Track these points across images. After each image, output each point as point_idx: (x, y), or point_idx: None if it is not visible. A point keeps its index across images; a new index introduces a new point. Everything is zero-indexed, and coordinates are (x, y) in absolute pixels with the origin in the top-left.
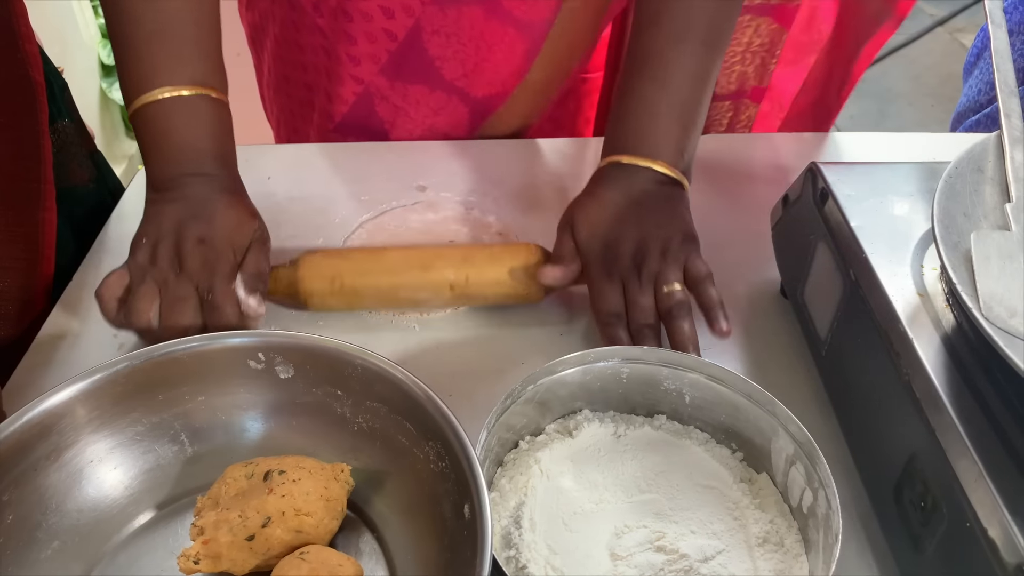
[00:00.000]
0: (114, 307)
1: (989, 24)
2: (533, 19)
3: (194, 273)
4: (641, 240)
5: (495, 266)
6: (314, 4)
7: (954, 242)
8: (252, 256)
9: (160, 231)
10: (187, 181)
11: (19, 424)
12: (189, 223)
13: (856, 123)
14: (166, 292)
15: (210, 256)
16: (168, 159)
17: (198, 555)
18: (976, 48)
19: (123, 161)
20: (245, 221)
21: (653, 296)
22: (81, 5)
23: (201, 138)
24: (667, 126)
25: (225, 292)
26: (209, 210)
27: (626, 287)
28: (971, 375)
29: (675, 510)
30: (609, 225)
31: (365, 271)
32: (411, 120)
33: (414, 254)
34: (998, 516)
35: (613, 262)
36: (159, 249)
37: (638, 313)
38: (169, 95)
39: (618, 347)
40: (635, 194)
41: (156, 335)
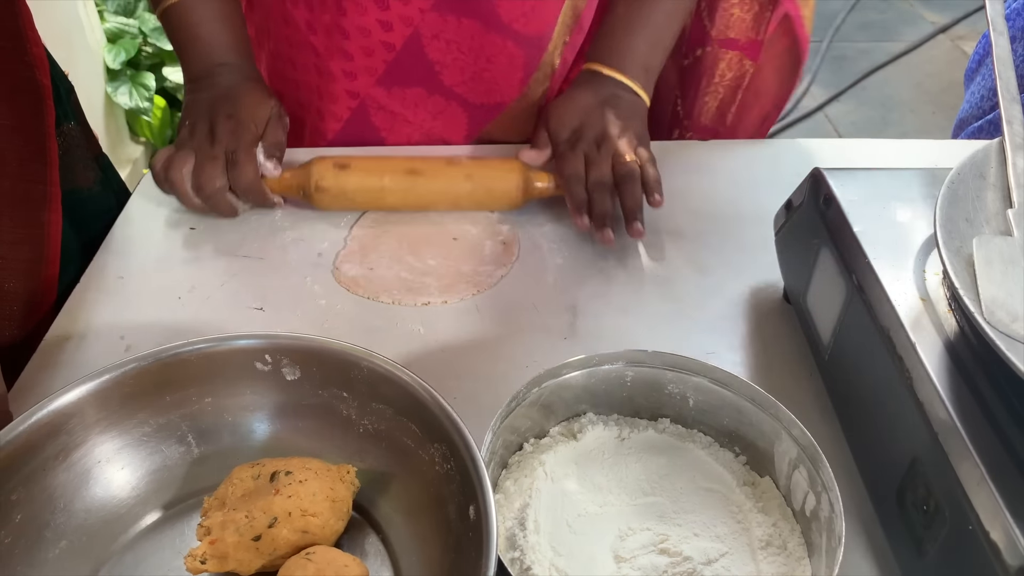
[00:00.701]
0: (160, 172)
1: (991, 31)
2: (532, 33)
3: (223, 141)
4: (602, 128)
5: (484, 197)
6: (308, 22)
7: (956, 247)
8: (271, 128)
9: (198, 114)
10: (215, 71)
11: (28, 424)
12: (219, 105)
13: (858, 130)
14: (199, 154)
15: (237, 128)
16: (198, 54)
17: (205, 555)
18: (977, 55)
19: (127, 165)
20: (264, 100)
21: (610, 163)
22: (87, 9)
23: (223, 31)
24: (639, 45)
25: (248, 153)
26: (235, 93)
27: (587, 156)
28: (973, 379)
29: (678, 513)
30: (577, 116)
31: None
32: (409, 124)
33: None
34: (1000, 519)
35: (577, 140)
36: (197, 127)
37: (596, 173)
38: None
39: (623, 351)
40: (602, 96)
41: (187, 191)
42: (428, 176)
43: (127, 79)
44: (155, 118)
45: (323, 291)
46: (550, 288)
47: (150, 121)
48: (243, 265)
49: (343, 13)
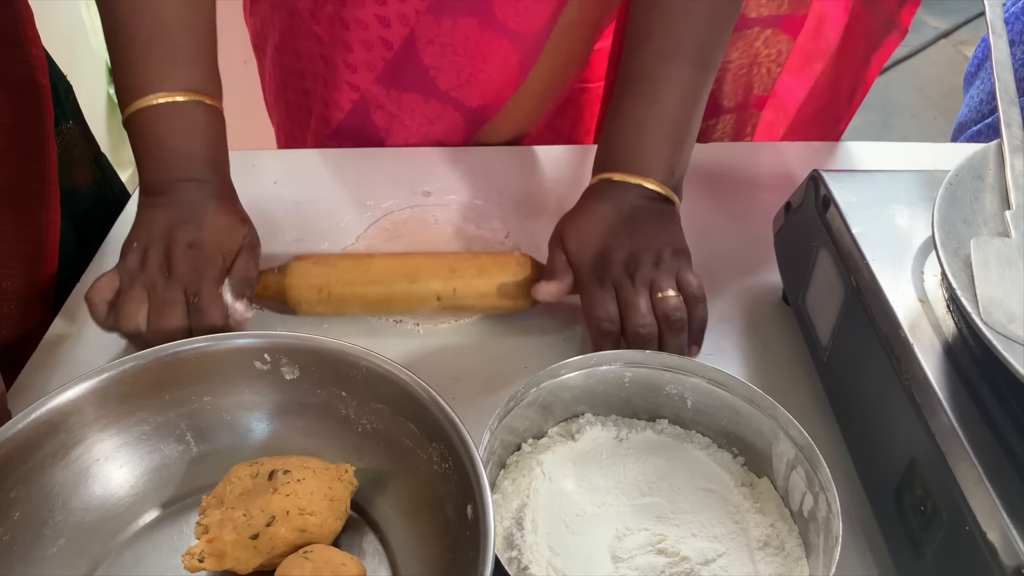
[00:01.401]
0: (104, 310)
1: (990, 34)
2: (527, 31)
3: (182, 277)
4: (633, 250)
5: (483, 279)
6: (311, 11)
7: (954, 248)
8: (241, 261)
9: (151, 235)
10: (179, 186)
11: (27, 422)
12: (179, 228)
13: (859, 134)
14: (154, 296)
15: (199, 261)
16: (161, 164)
17: (202, 553)
18: (977, 59)
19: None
20: (235, 226)
21: (648, 304)
22: (90, 11)
23: (194, 144)
24: (657, 144)
25: (212, 296)
26: (199, 215)
27: (619, 293)
28: (971, 380)
29: (676, 513)
30: (600, 237)
31: (352, 281)
32: (406, 128)
33: (401, 264)
34: (997, 520)
35: (605, 271)
36: (149, 253)
37: (636, 316)
38: (163, 101)
39: (620, 351)
40: (626, 209)
41: (144, 339)
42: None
43: None
44: None
45: None
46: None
47: None
48: None
49: (343, 4)
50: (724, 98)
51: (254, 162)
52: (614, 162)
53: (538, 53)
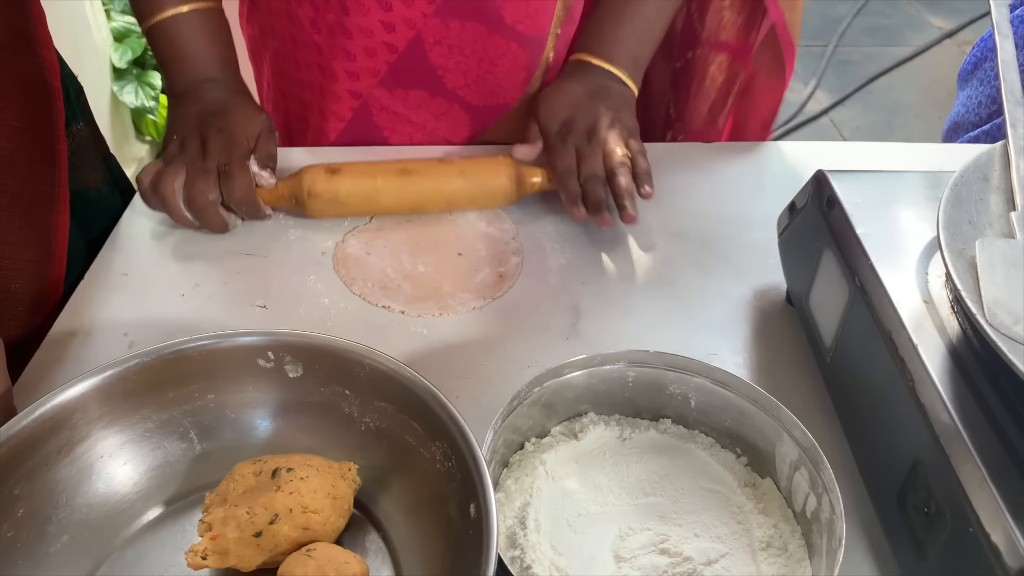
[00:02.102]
0: (148, 186)
1: (996, 34)
2: (534, 33)
3: (215, 155)
4: (592, 119)
5: (477, 197)
6: (312, 20)
7: (959, 249)
8: (263, 141)
9: (186, 128)
10: (202, 86)
11: (31, 419)
12: (209, 119)
13: (863, 134)
14: (191, 168)
15: (228, 142)
16: (184, 70)
17: (206, 551)
18: (974, 57)
19: (133, 163)
20: (254, 115)
21: (601, 155)
22: (94, 8)
23: (208, 48)
24: (627, 36)
25: (241, 166)
26: (224, 107)
27: (578, 150)
28: (975, 381)
29: (679, 513)
30: (566, 107)
31: (362, 199)
32: (411, 124)
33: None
34: (1001, 521)
35: (568, 133)
36: (187, 141)
37: (588, 166)
38: (172, 13)
39: (625, 351)
40: (591, 86)
41: (178, 205)
42: (421, 175)
43: (133, 78)
44: (161, 117)
45: (326, 289)
46: (553, 288)
47: (156, 120)
48: (246, 263)
49: (346, 12)
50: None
51: None
52: (588, 46)
53: (541, 54)
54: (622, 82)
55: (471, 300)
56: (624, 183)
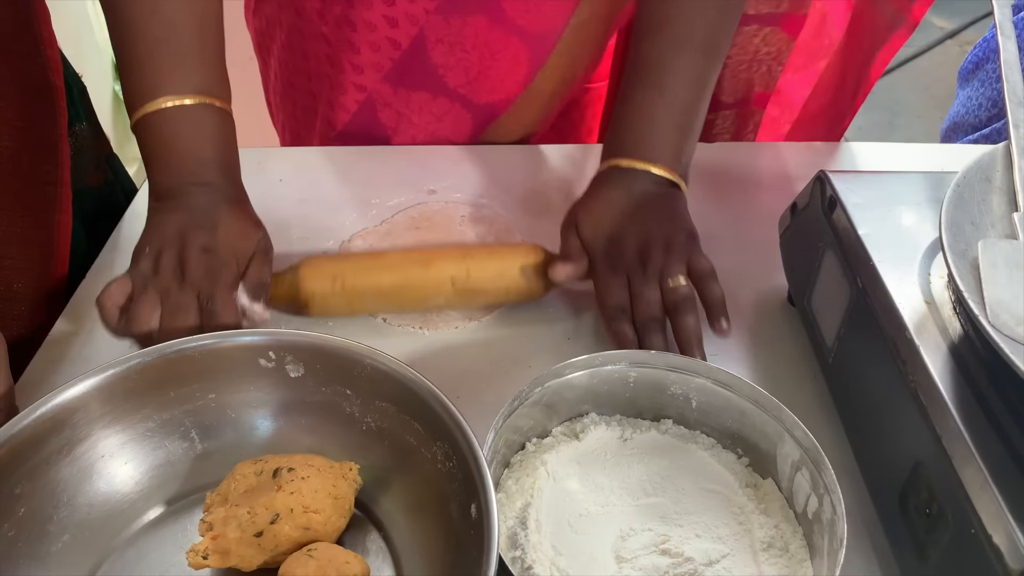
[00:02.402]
0: (115, 314)
1: (999, 34)
2: (538, 30)
3: (196, 282)
4: (645, 237)
5: (496, 261)
6: (319, 12)
7: (961, 250)
8: (255, 266)
9: (163, 240)
10: (190, 190)
11: (33, 418)
12: (192, 232)
13: (865, 135)
14: (167, 300)
15: (213, 265)
16: (171, 169)
17: (207, 550)
18: (975, 57)
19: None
20: (248, 231)
21: (659, 290)
22: (96, 8)
23: (204, 147)
24: (665, 131)
25: (226, 300)
26: (213, 219)
27: (631, 282)
28: (977, 382)
29: (680, 514)
30: (613, 222)
31: (366, 269)
32: (414, 126)
33: (414, 252)
34: (1003, 523)
35: (618, 258)
36: (162, 258)
37: (644, 306)
38: (172, 104)
39: (625, 351)
40: (636, 194)
41: (155, 343)
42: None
43: None
44: None
45: None
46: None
47: None
48: None
49: (351, 5)
50: (723, 94)
51: (260, 160)
52: (623, 148)
53: (548, 52)
54: (669, 183)
55: (456, 319)
56: (691, 326)
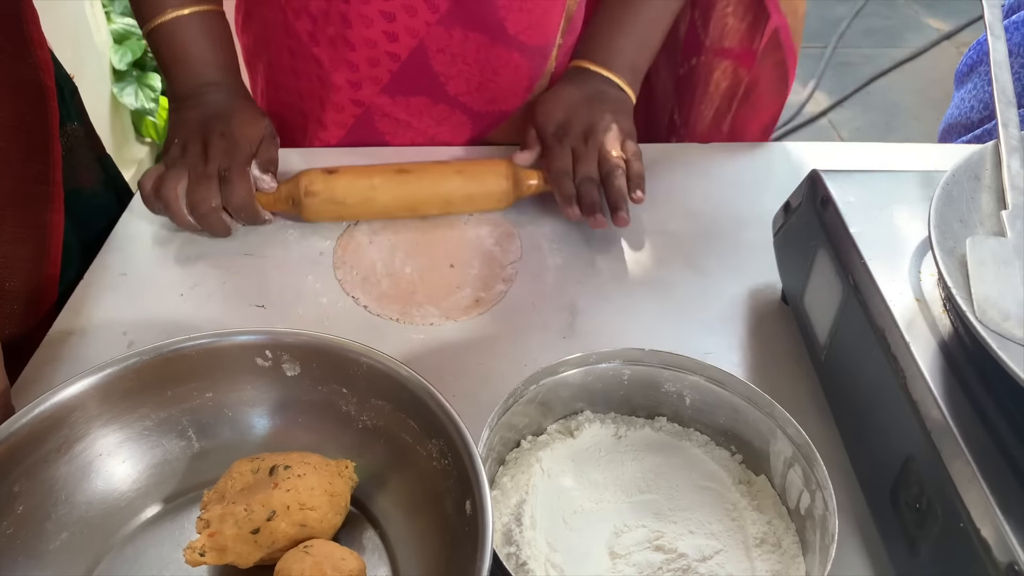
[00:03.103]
0: (150, 191)
1: (988, 35)
2: (538, 43)
3: (217, 159)
4: (589, 122)
5: (474, 199)
6: (310, 33)
7: (950, 247)
8: (264, 146)
9: (188, 131)
10: (204, 90)
11: (31, 417)
12: (211, 123)
13: (861, 136)
14: (193, 173)
15: (230, 146)
16: (186, 73)
17: (204, 547)
18: (970, 59)
19: (133, 165)
20: (256, 120)
21: (596, 159)
22: (94, 10)
23: (210, 52)
24: (630, 46)
25: (241, 172)
26: (226, 112)
27: (574, 151)
28: (966, 378)
29: (674, 510)
30: (563, 111)
31: (361, 211)
32: (413, 130)
33: (403, 199)
34: (991, 516)
35: (564, 135)
36: (188, 145)
37: (583, 168)
38: (173, 15)
39: (620, 349)
40: (589, 91)
41: (181, 210)
42: (418, 174)
43: (133, 80)
44: (161, 119)
45: (324, 289)
46: (549, 287)
47: (156, 122)
48: (245, 263)
49: (348, 25)
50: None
51: None
52: (587, 53)
53: (545, 64)
54: (620, 88)
55: (434, 315)
56: (618, 186)
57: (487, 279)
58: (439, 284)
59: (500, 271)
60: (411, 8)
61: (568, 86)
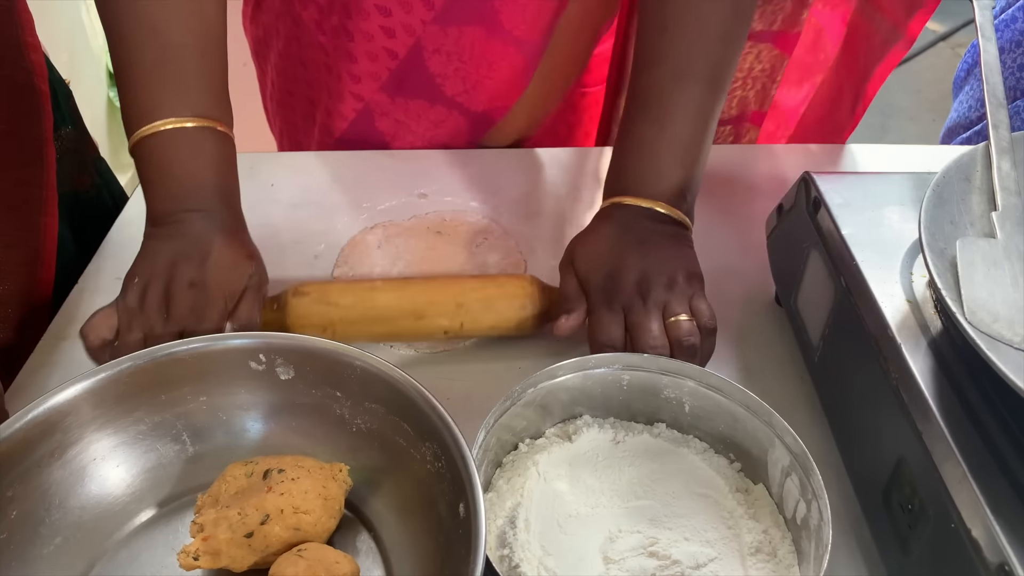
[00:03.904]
0: (98, 347)
1: (979, 37)
2: (532, 37)
3: (181, 319)
4: (645, 272)
5: (490, 313)
6: (317, 22)
7: (940, 249)
8: (244, 304)
9: (153, 271)
10: (185, 217)
11: (24, 421)
12: (181, 264)
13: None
14: (151, 337)
15: (199, 302)
16: (168, 193)
17: (198, 551)
18: (967, 63)
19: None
20: (241, 264)
21: (661, 323)
22: (90, 15)
23: (203, 172)
24: (668, 167)
25: None
26: (203, 250)
27: (628, 315)
28: (957, 379)
29: (669, 517)
30: (611, 257)
31: (356, 320)
32: (412, 133)
33: (407, 299)
34: (981, 516)
35: (615, 292)
36: (148, 292)
37: (646, 336)
38: (172, 127)
39: (618, 354)
40: (637, 230)
41: None
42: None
43: None
44: None
45: None
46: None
47: None
48: None
49: (348, 16)
50: None
51: (252, 164)
52: (625, 186)
53: (540, 56)
54: (674, 221)
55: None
56: None
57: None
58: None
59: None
60: (407, 4)
61: (609, 226)
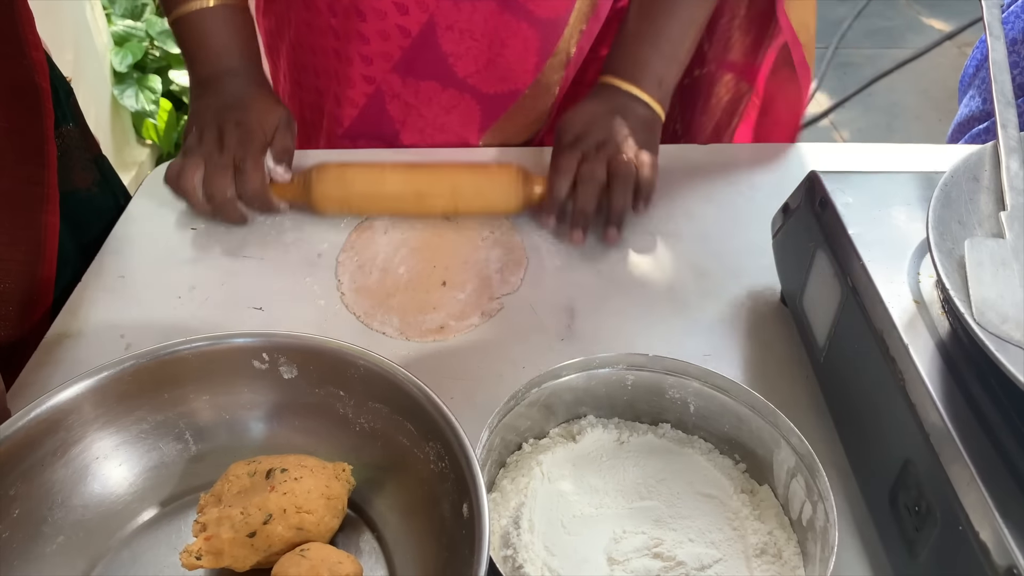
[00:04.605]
0: (171, 181)
1: (987, 35)
2: (547, 15)
3: (232, 148)
4: (607, 132)
5: (480, 198)
6: (328, 4)
7: (948, 249)
8: (280, 136)
9: (205, 120)
10: (222, 78)
11: (27, 420)
12: (227, 111)
13: (864, 136)
14: (209, 163)
15: (245, 135)
16: (205, 61)
17: (200, 551)
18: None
19: (133, 167)
20: (273, 108)
21: (605, 162)
22: (94, 13)
23: (229, 39)
24: (652, 58)
25: (256, 161)
26: (243, 100)
27: (584, 155)
28: (965, 381)
29: (674, 518)
30: (584, 122)
31: (369, 195)
32: (422, 118)
33: (411, 182)
34: (989, 519)
35: (578, 141)
36: (205, 133)
37: (588, 167)
38: (198, 7)
39: (622, 354)
40: (613, 106)
41: (199, 200)
42: (428, 166)
43: (133, 82)
44: (161, 121)
45: (322, 291)
46: (548, 290)
47: (156, 124)
48: (243, 265)
49: None
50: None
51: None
52: (615, 69)
53: (557, 40)
54: (647, 104)
55: (392, 327)
56: (622, 193)
57: (465, 309)
58: (418, 297)
59: (484, 303)
60: None
61: (592, 101)
